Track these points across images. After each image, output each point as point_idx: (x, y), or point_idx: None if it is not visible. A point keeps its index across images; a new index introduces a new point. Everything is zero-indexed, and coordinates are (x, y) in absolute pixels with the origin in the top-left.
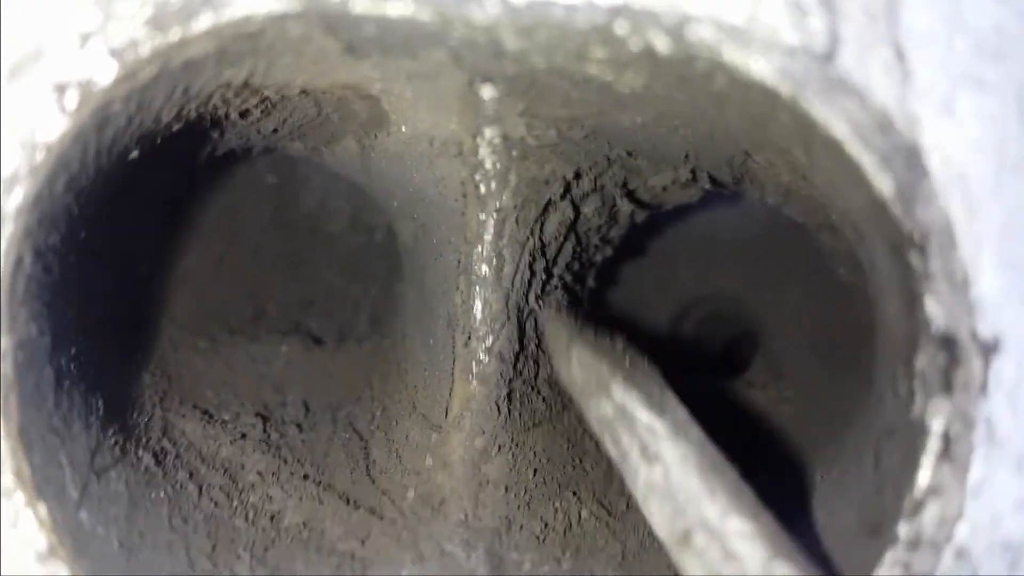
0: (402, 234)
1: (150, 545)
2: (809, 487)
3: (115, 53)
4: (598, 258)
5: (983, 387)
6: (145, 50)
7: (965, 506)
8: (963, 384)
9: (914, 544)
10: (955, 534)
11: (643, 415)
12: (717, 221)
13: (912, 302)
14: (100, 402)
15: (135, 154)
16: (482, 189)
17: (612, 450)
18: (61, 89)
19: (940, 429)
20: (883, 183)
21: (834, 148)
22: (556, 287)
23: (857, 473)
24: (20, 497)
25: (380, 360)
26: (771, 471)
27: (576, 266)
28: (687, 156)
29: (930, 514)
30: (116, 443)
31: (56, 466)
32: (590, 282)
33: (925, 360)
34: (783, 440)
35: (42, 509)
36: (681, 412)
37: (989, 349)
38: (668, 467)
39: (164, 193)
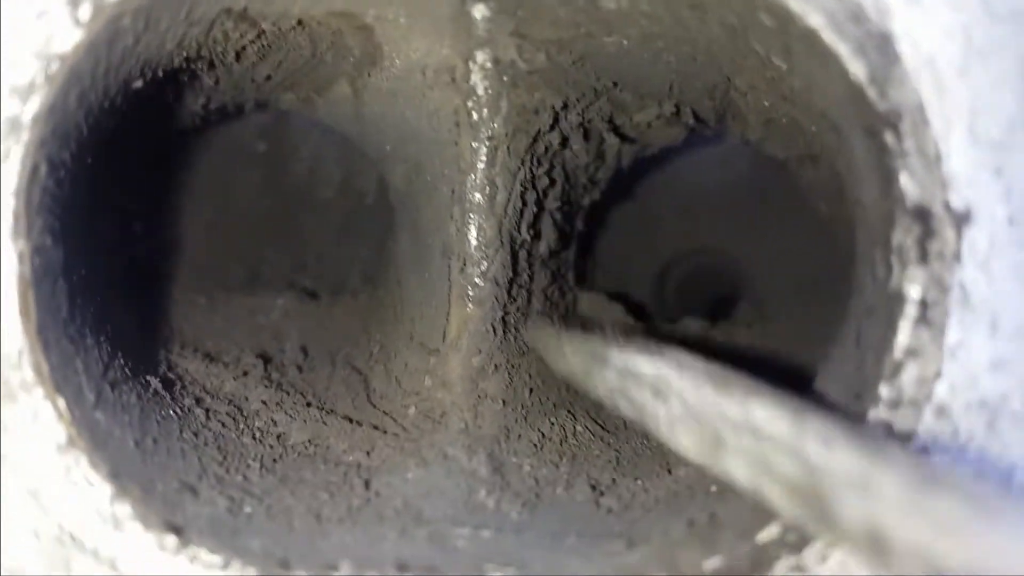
0: (394, 178)
1: (164, 451)
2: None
3: None
4: (586, 200)
5: (957, 255)
6: None
7: (943, 367)
8: (938, 253)
9: (895, 403)
10: (934, 393)
11: (646, 366)
12: (700, 167)
13: (888, 180)
14: (109, 327)
15: (139, 83)
16: (474, 116)
17: (628, 410)
18: (75, 2)
19: (917, 296)
20: (858, 69)
21: (811, 39)
22: (546, 222)
23: (840, 358)
24: (39, 392)
25: (376, 308)
26: None
27: (565, 204)
28: (671, 88)
29: (909, 374)
30: (125, 365)
31: (72, 370)
32: (579, 224)
33: (901, 233)
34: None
35: (61, 402)
36: (678, 351)
37: (961, 219)
38: (682, 395)
39: (157, 151)
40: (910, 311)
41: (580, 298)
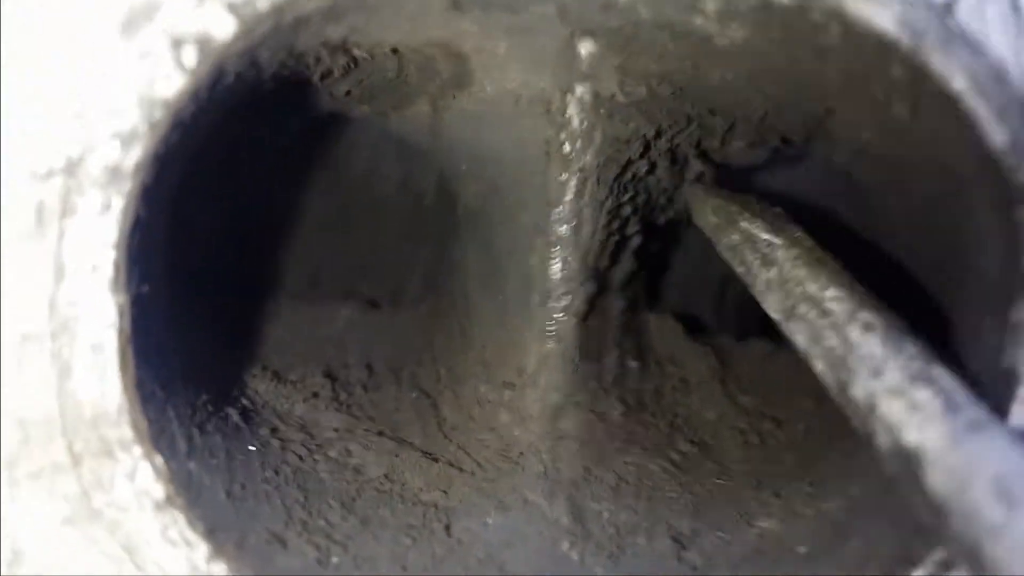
0: (466, 195)
1: (251, 495)
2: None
3: (232, 7)
4: (661, 219)
5: None
6: (263, 5)
7: None
8: None
9: None
10: None
11: (763, 234)
12: (769, 181)
13: (1014, 255)
14: (192, 362)
15: (233, 118)
16: (567, 148)
17: (739, 269)
18: (178, 44)
19: None
20: (997, 136)
21: (949, 101)
22: (626, 249)
23: None
24: (137, 450)
25: (439, 320)
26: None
27: (644, 228)
28: (765, 114)
29: None
30: (207, 401)
31: (166, 420)
32: (653, 246)
33: (1021, 312)
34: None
35: (158, 460)
36: (796, 230)
37: None
38: (782, 266)
39: (231, 159)
40: (1022, 393)
41: (650, 319)
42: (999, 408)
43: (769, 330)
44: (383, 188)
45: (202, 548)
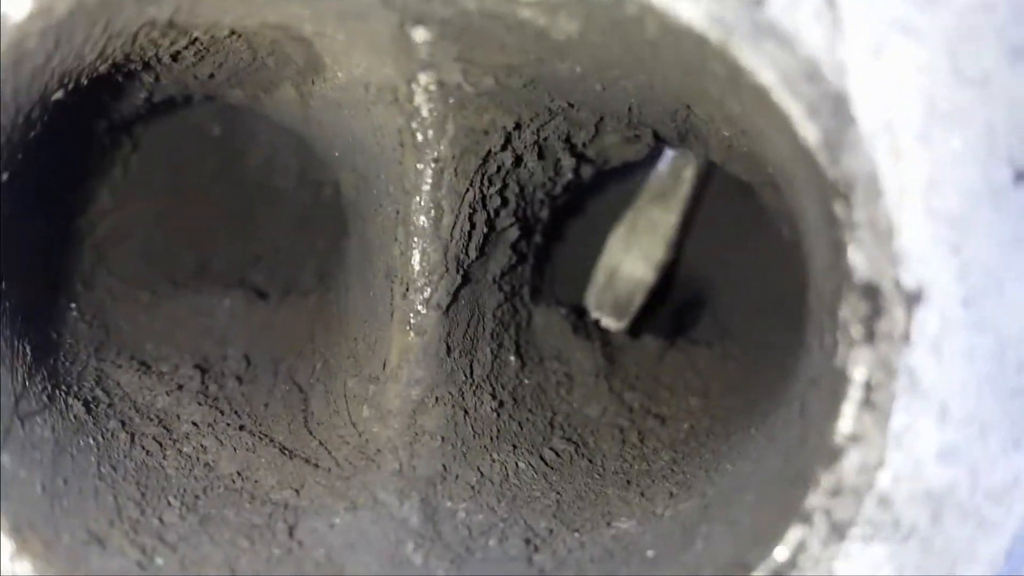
0: (345, 186)
1: (75, 491)
2: (741, 437)
3: None
4: (543, 214)
5: (906, 336)
6: None
7: (887, 455)
8: (886, 333)
9: (835, 491)
10: (876, 481)
11: None
12: None
13: (836, 251)
14: (27, 347)
15: (59, 95)
16: (419, 137)
17: None
18: None
19: (861, 378)
20: (809, 132)
21: (762, 96)
22: (497, 243)
23: (785, 422)
24: None
25: (323, 312)
26: (710, 425)
27: (519, 222)
28: (630, 109)
29: (851, 461)
30: (43, 390)
31: None
32: (536, 239)
33: (848, 310)
34: (725, 395)
35: None
36: None
37: (912, 299)
38: None
39: (101, 139)
40: (854, 394)
41: (534, 313)
42: (833, 410)
43: (662, 327)
44: (282, 178)
45: (7, 545)
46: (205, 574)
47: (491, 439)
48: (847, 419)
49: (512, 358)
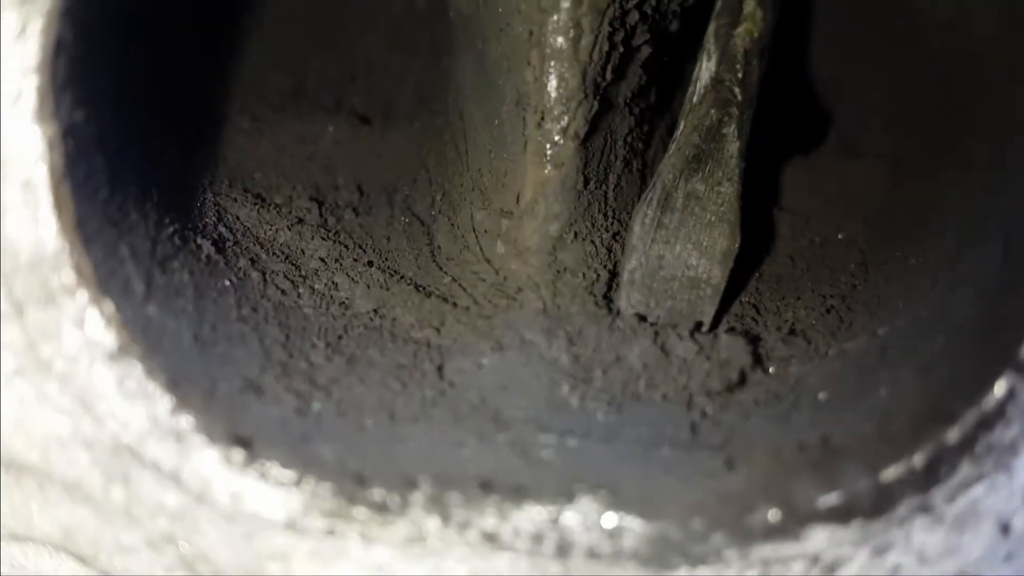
0: (457, 1)
1: (223, 337)
2: (898, 267)
3: None
4: (674, 27)
5: None
6: None
7: None
8: None
9: None
10: None
11: None
12: None
13: None
14: (154, 189)
15: None
16: None
17: None
18: None
19: None
20: None
21: None
22: (632, 63)
23: (976, 260)
24: (83, 295)
25: (433, 139)
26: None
27: (654, 38)
28: None
29: None
30: (174, 232)
31: (118, 260)
32: (664, 57)
33: None
34: (863, 214)
35: (108, 306)
36: None
37: None
38: None
39: None
40: None
41: (665, 139)
42: None
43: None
44: None
45: (164, 400)
46: (364, 420)
47: None
48: None
49: (643, 185)
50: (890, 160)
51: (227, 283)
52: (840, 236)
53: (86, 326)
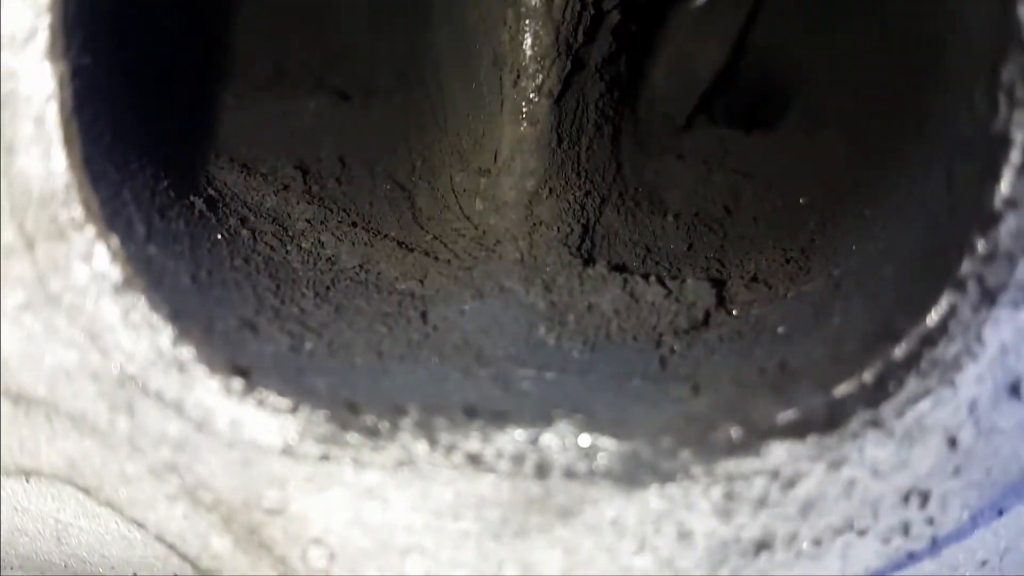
0: None
1: (219, 282)
2: (854, 221)
3: None
4: None
5: None
6: None
7: None
8: None
9: (989, 256)
10: None
11: None
12: None
13: (1004, 6)
14: (152, 144)
15: None
16: None
17: None
18: None
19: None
20: None
21: None
22: (603, 24)
23: (922, 196)
24: (91, 230)
25: (413, 113)
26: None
27: (623, 4)
28: None
29: (1008, 226)
30: (170, 185)
31: (121, 202)
32: (632, 26)
33: (1013, 69)
34: (824, 179)
35: (114, 240)
36: None
37: None
38: None
39: None
40: (1015, 157)
41: (636, 106)
42: (991, 175)
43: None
44: None
45: (167, 332)
46: (354, 358)
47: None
48: (1006, 183)
49: (613, 150)
50: (852, 129)
51: (219, 237)
52: (801, 201)
53: (94, 260)
